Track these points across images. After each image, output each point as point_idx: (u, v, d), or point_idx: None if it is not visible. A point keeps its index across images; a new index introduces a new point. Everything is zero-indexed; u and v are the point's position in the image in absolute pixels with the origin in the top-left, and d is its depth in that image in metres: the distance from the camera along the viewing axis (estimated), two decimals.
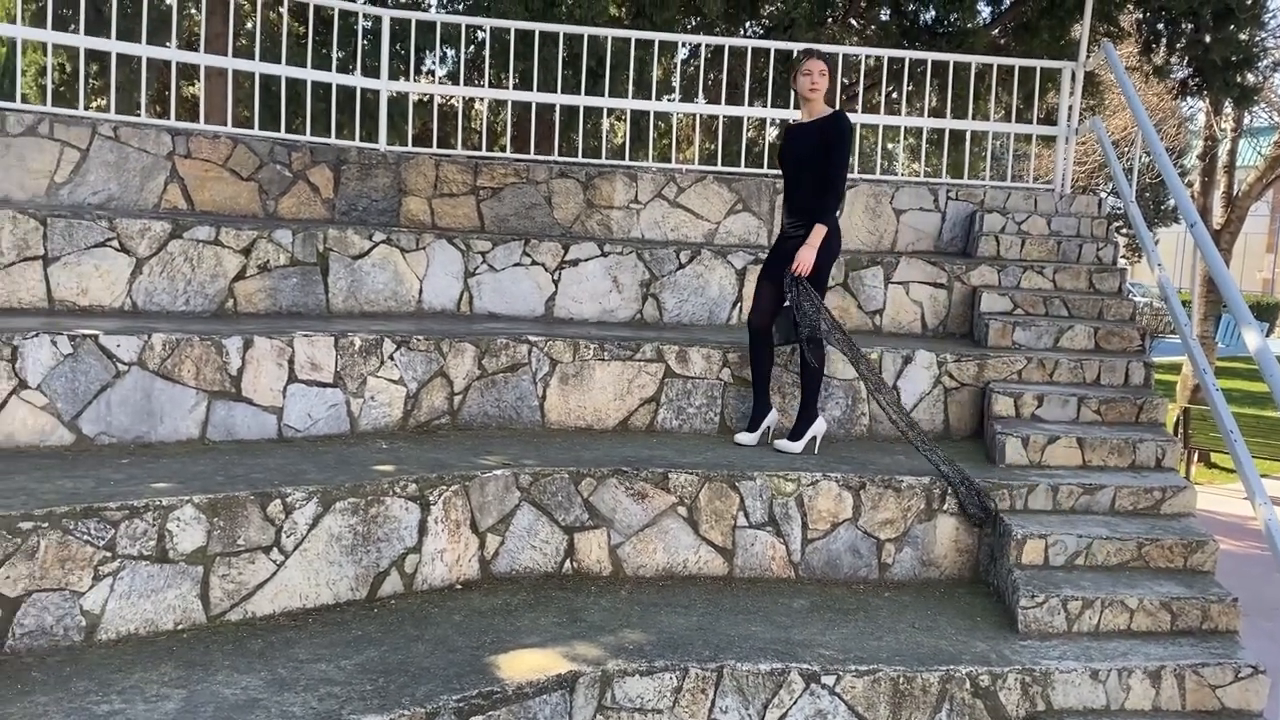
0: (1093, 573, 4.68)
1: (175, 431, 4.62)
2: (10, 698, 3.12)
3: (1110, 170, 7.74)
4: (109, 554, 3.60)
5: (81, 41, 6.66)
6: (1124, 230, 22.61)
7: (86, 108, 6.71)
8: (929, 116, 8.25)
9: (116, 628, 3.62)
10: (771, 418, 5.40)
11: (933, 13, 11.48)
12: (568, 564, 4.66)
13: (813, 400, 5.29)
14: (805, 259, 5.08)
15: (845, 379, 5.76)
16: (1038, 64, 8.36)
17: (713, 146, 9.83)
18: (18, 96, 6.53)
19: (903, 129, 9.95)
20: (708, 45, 9.80)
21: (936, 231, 7.37)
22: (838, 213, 5.30)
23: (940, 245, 7.36)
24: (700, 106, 8.70)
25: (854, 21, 13.20)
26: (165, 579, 3.72)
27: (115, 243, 5.26)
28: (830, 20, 12.45)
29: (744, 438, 5.35)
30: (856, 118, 8.33)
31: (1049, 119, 9.78)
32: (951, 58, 8.44)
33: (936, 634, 4.28)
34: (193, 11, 14.02)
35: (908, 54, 8.28)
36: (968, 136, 8.55)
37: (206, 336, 4.71)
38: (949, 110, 8.28)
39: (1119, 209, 17.82)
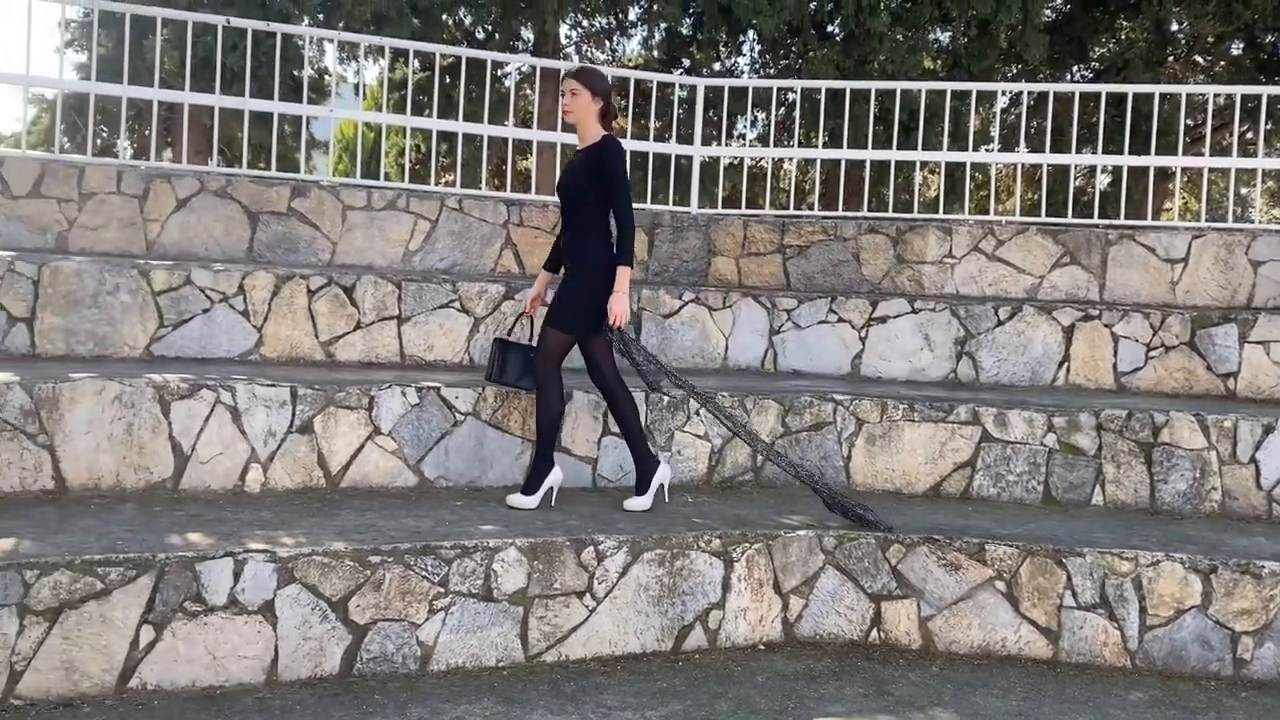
0: None
1: (502, 477, 4.96)
2: (356, 718, 3.44)
3: None
4: (442, 590, 3.90)
5: (434, 124, 7.46)
6: None
7: (436, 183, 7.47)
8: None
9: (446, 660, 3.90)
10: (664, 473, 4.73)
11: None
12: (874, 633, 4.48)
13: (547, 450, 4.59)
14: (618, 309, 4.46)
15: (1192, 448, 5.17)
16: None
17: (1035, 196, 9.31)
18: (382, 175, 7.40)
19: (1260, 172, 8.92)
20: (1030, 92, 9.34)
21: None
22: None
23: None
24: (1022, 155, 8.28)
25: (1199, 59, 12.13)
26: (489, 617, 3.97)
27: (457, 304, 5.78)
28: (1171, 58, 11.52)
29: (634, 504, 4.67)
30: (1203, 161, 7.58)
31: None
32: None
33: None
34: (528, 92, 15.33)
35: (1265, 90, 7.45)
36: None
37: (531, 389, 5.03)
38: None
39: None
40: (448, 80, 11.56)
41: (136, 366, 4.91)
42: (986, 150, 9.93)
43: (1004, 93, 10.79)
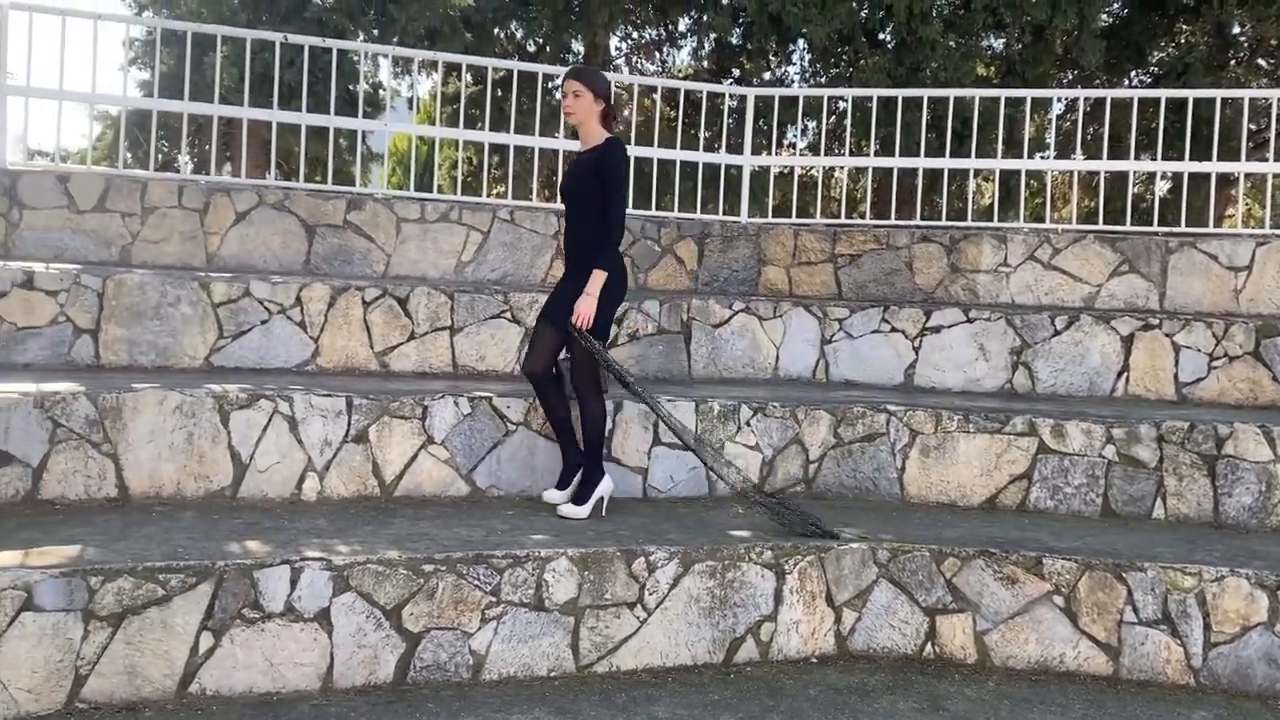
0: None
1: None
2: None
3: None
4: (494, 599, 3.92)
5: (486, 137, 7.54)
6: None
7: (488, 195, 7.55)
8: None
9: (498, 669, 3.92)
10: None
11: None
12: (929, 647, 4.42)
13: (596, 460, 4.64)
14: (584, 311, 4.45)
15: (1257, 461, 5.04)
16: None
17: (1092, 204, 9.15)
18: (435, 188, 7.48)
19: None
20: (1086, 98, 9.20)
21: None
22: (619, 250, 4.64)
23: None
24: (1078, 163, 8.16)
25: (1262, 62, 11.86)
26: (541, 626, 3.98)
27: (508, 314, 5.82)
28: (1233, 62, 11.29)
29: (553, 495, 4.70)
30: (1267, 166, 7.41)
31: None
32: None
33: None
34: None
35: None
36: None
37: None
38: None
39: None
40: (499, 93, 11.67)
41: (197, 377, 5.02)
42: (1042, 157, 9.80)
43: (1060, 99, 10.64)
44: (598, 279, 4.49)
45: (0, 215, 5.85)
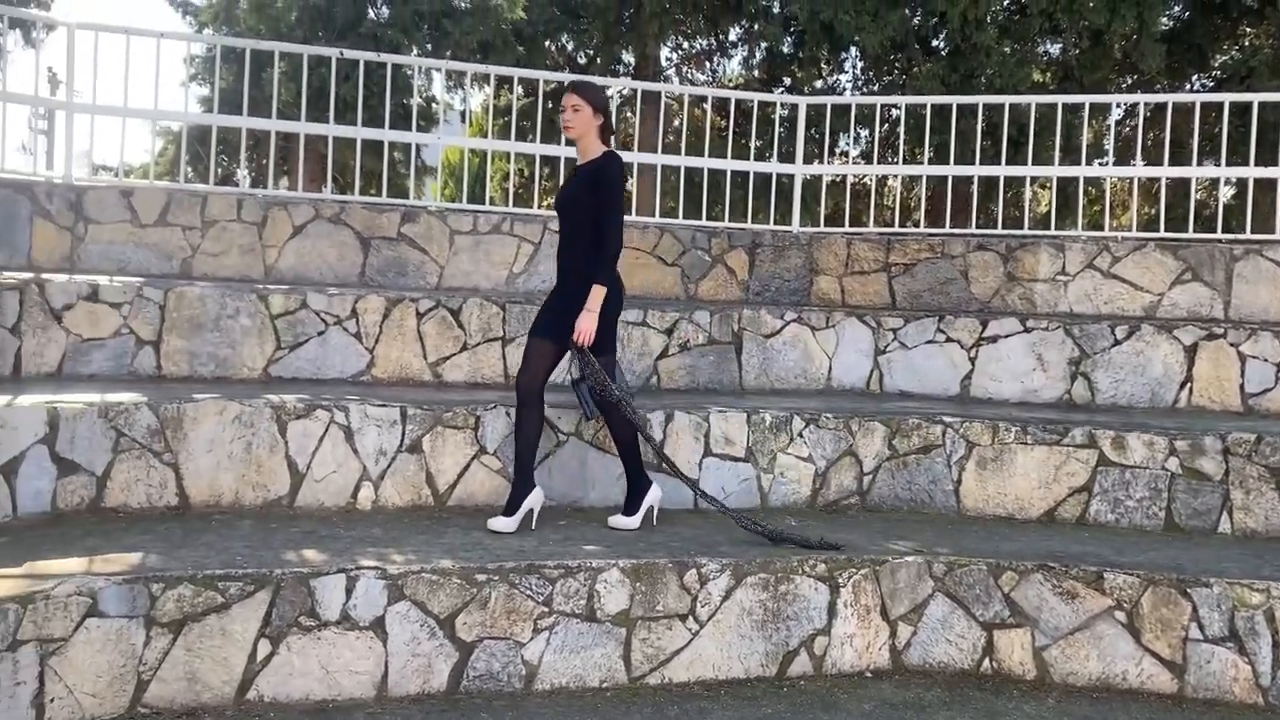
0: None
1: (604, 497, 4.97)
2: None
3: None
4: (546, 609, 3.92)
5: (537, 149, 7.58)
6: None
7: (539, 206, 7.60)
8: None
9: (550, 680, 3.92)
10: (535, 498, 4.45)
11: None
12: (986, 662, 4.33)
13: (638, 469, 4.60)
14: (585, 327, 4.34)
15: None
16: None
17: (1153, 211, 8.96)
18: (487, 200, 7.55)
19: None
20: (1147, 103, 9.02)
21: None
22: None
23: None
24: (1138, 169, 8.00)
25: None
26: (593, 637, 3.97)
27: None
28: None
29: (499, 523, 4.36)
30: None
31: None
32: None
33: None
34: (628, 115, 15.47)
35: None
36: None
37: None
38: None
39: None
40: (550, 105, 11.75)
41: (255, 387, 5.10)
42: (1100, 164, 9.62)
43: (1119, 104, 10.44)
44: (598, 294, 4.39)
45: (67, 229, 6.01)
